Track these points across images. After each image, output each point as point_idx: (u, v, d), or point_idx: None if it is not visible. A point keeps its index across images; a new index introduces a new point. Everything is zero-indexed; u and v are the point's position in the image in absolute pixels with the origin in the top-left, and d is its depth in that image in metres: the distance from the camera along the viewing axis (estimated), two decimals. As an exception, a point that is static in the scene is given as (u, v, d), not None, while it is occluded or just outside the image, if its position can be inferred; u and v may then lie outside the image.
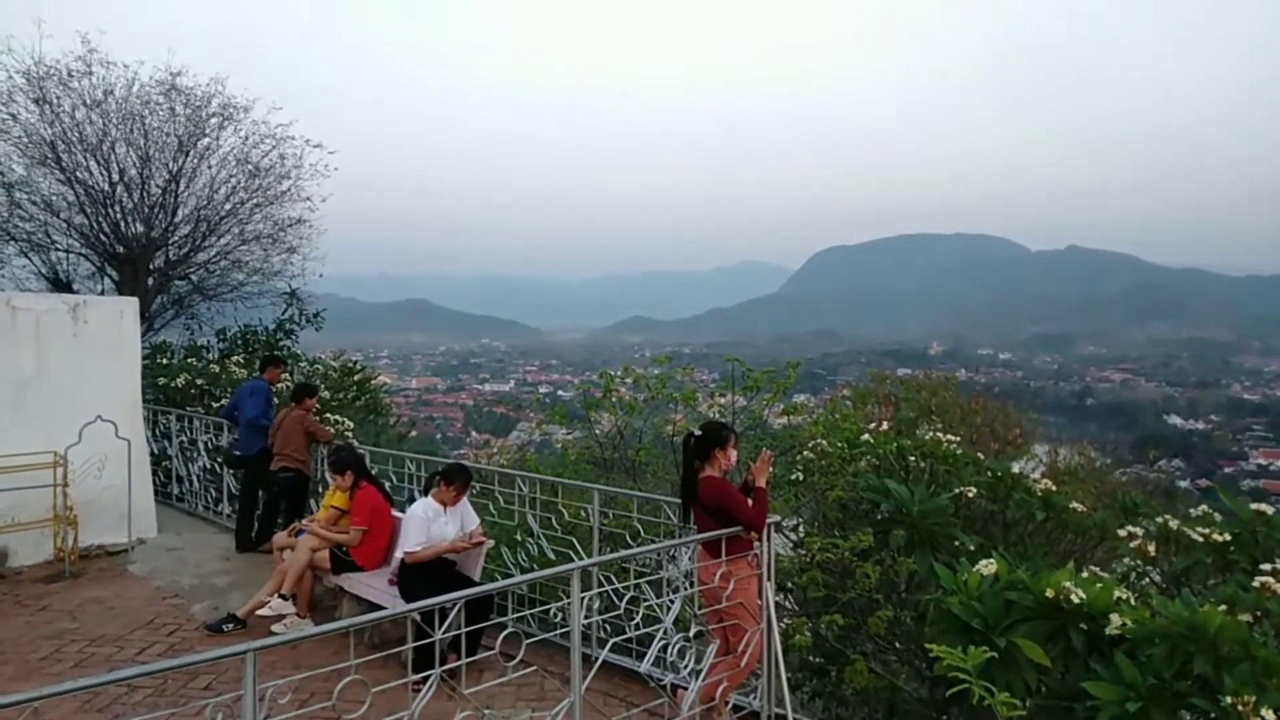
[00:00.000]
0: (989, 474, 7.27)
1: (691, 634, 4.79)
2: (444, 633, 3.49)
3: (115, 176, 15.37)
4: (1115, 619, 4.14)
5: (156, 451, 11.14)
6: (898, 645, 6.70)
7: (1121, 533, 6.22)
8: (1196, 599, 4.32)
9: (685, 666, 4.56)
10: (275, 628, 6.44)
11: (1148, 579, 6.25)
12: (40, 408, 8.33)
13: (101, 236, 15.62)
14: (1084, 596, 4.27)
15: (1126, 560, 6.47)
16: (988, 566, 4.67)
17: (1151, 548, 5.99)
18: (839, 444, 7.31)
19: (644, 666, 4.52)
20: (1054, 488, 7.17)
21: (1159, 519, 6.46)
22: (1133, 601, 4.43)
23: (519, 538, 6.85)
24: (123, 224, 15.61)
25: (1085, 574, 4.92)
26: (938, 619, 4.76)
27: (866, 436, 7.56)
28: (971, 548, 6.29)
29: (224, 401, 12.25)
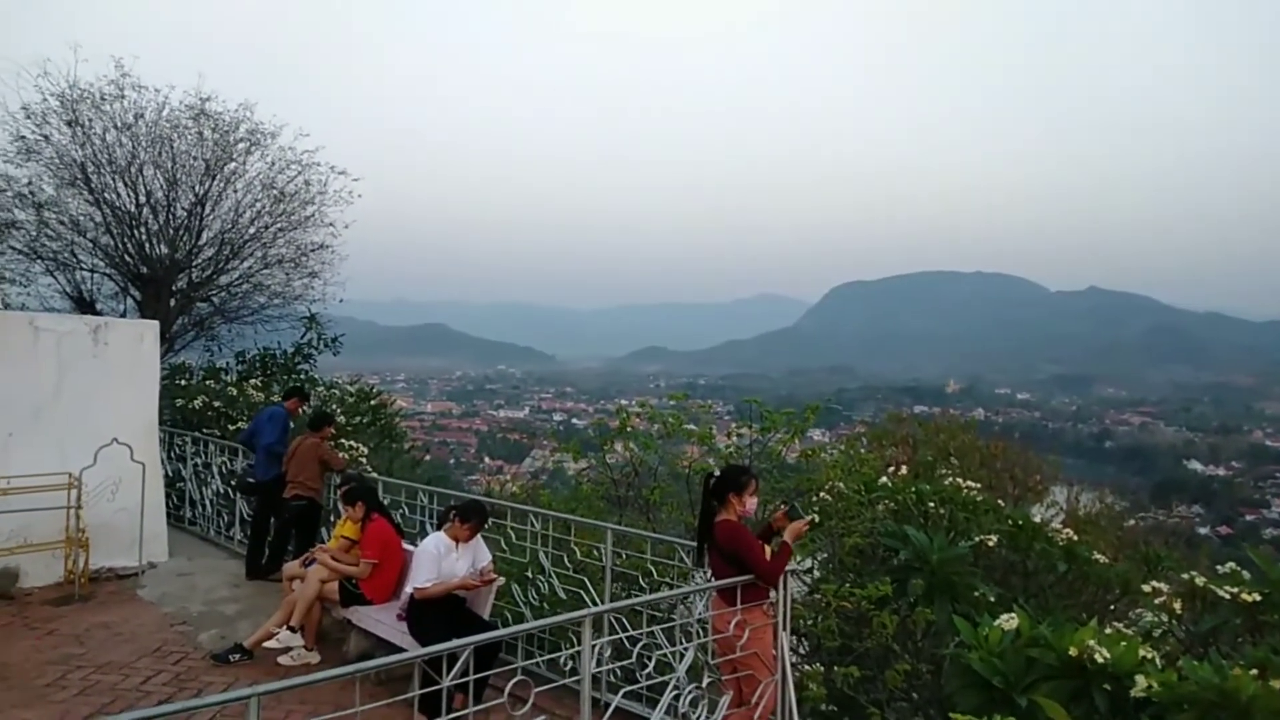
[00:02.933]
0: (1010, 522, 7.15)
1: (705, 683, 4.68)
2: (452, 679, 3.42)
3: (142, 198, 15.58)
4: (1141, 681, 4.02)
5: (170, 473, 11.15)
6: (914, 696, 6.56)
7: (1146, 588, 6.08)
8: (1226, 662, 4.20)
9: (698, 717, 4.45)
10: (282, 659, 6.37)
11: (1173, 636, 6.10)
12: (57, 428, 8.35)
13: (126, 257, 15.80)
14: (1108, 656, 4.16)
15: (1150, 616, 6.32)
16: (1009, 621, 4.56)
17: (1177, 604, 5.85)
18: (856, 487, 7.21)
19: (656, 716, 4.41)
20: (1075, 537, 7.05)
21: (1185, 575, 6.31)
22: (1158, 662, 4.32)
23: (530, 575, 6.77)
24: (147, 245, 15.79)
25: (1108, 630, 4.80)
26: (957, 674, 4.65)
27: (884, 480, 7.46)
28: (991, 598, 6.17)
29: (241, 424, 12.27)
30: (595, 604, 5.95)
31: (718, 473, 5.07)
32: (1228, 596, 5.37)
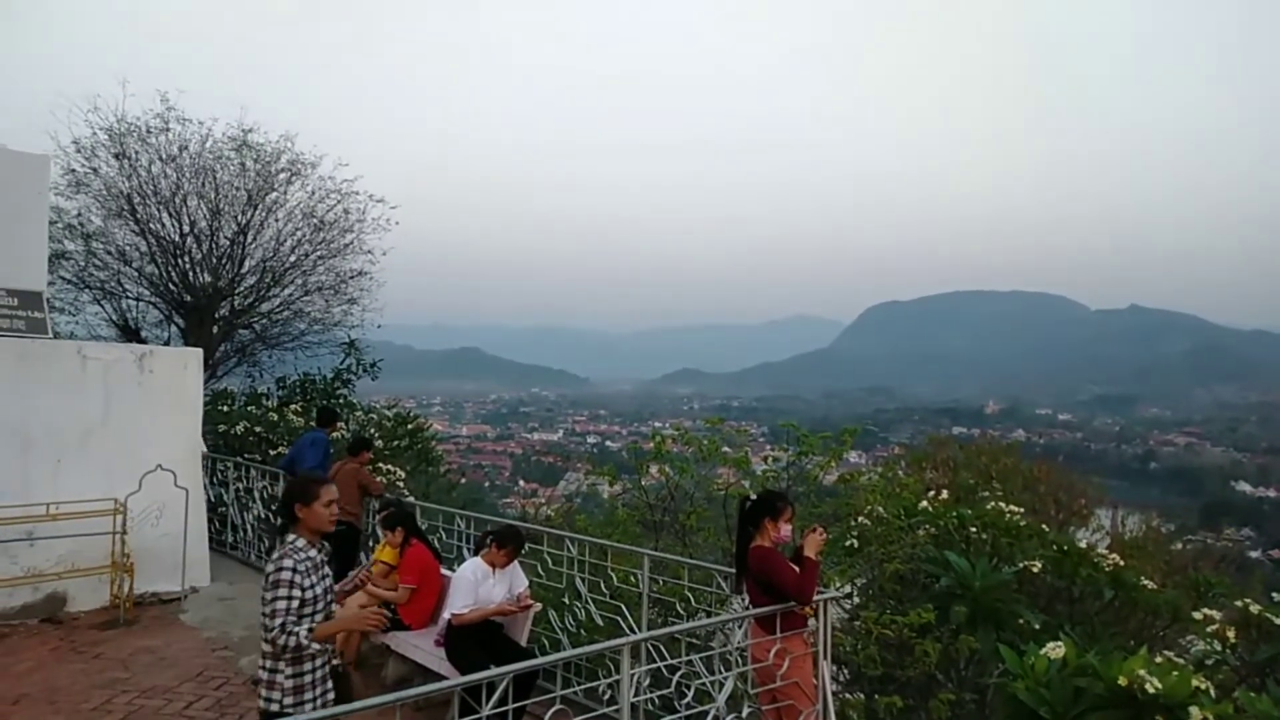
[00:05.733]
0: (1054, 547, 7.02)
1: (744, 713, 4.63)
2: (491, 708, 3.41)
3: (186, 228, 15.96)
4: (1195, 713, 3.91)
5: (212, 498, 11.30)
6: (958, 727, 6.43)
7: (1197, 615, 5.93)
8: (1285, 694, 4.07)
9: (738, 748, 4.40)
10: (321, 685, 6.40)
11: (1226, 666, 5.93)
12: (103, 455, 8.51)
13: (170, 285, 16.16)
14: (1160, 686, 4.04)
15: (1201, 644, 6.15)
16: (1055, 649, 4.46)
17: (1230, 633, 5.69)
18: (896, 512, 7.12)
19: (695, 746, 4.37)
20: (1122, 563, 6.90)
21: (1238, 602, 6.14)
22: (1212, 693, 4.19)
23: (567, 601, 6.75)
24: (191, 274, 16.14)
25: (1159, 659, 4.67)
26: (1003, 704, 4.56)
27: (925, 504, 7.36)
28: (1036, 626, 6.04)
29: (282, 449, 12.43)
30: (633, 631, 5.91)
31: (753, 498, 5.04)
32: (1284, 625, 5.22)
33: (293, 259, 16.94)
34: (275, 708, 3.62)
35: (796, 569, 4.64)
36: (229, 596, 8.95)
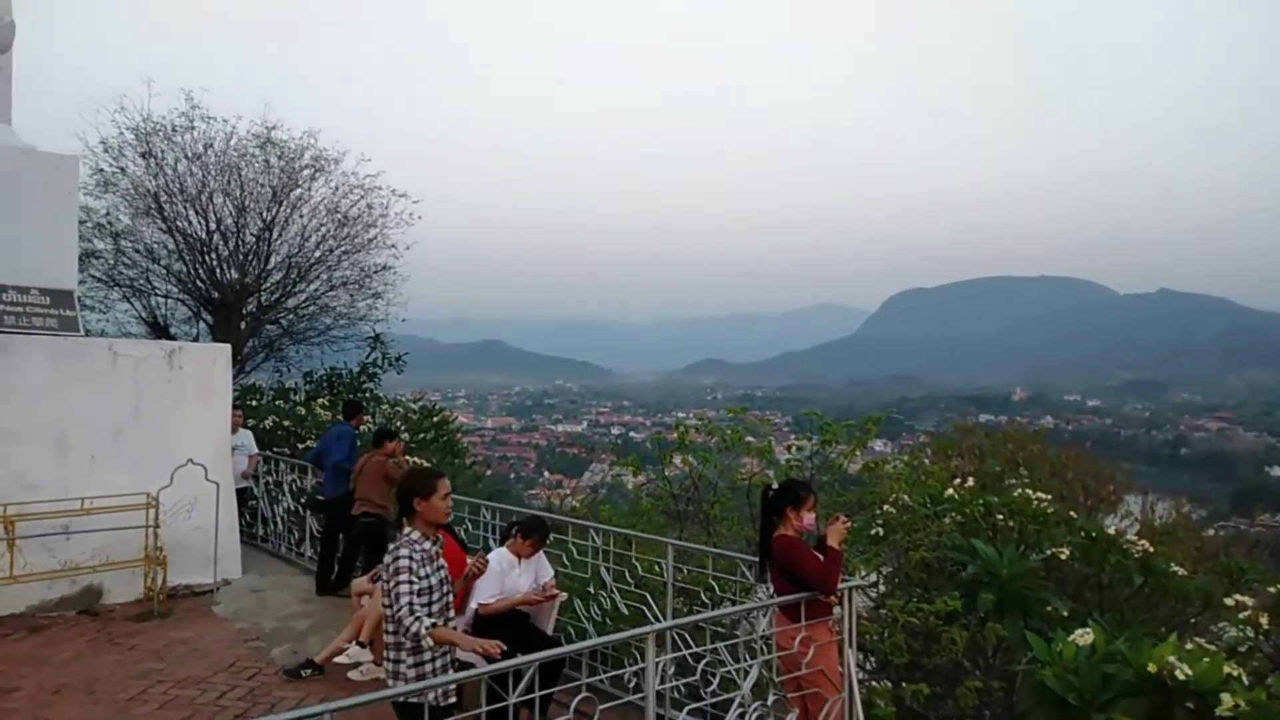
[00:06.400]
0: (1082, 534, 6.96)
1: (770, 701, 4.64)
2: (518, 696, 3.45)
3: (212, 225, 16.15)
4: (1227, 699, 3.87)
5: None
6: (987, 714, 6.41)
7: (1228, 601, 5.86)
8: (1319, 681, 4.02)
9: (764, 736, 4.41)
10: (352, 674, 6.48)
11: (1259, 652, 5.86)
12: (135, 450, 8.65)
13: (198, 282, 16.37)
14: (1190, 673, 4.00)
15: (1233, 631, 6.08)
16: (1084, 636, 4.43)
17: (1263, 619, 5.62)
18: (922, 500, 7.09)
19: (720, 733, 4.39)
20: (1152, 549, 6.82)
21: (1271, 587, 6.07)
22: (1244, 679, 4.14)
23: (592, 590, 6.79)
24: (218, 271, 16.34)
25: (1189, 646, 4.63)
26: (1030, 691, 4.54)
27: (950, 492, 7.32)
28: (1064, 613, 6.00)
29: (310, 443, 12.58)
30: (658, 620, 5.94)
31: (775, 487, 5.04)
32: (1319, 611, 5.15)
33: (317, 254, 17.11)
34: (401, 699, 3.65)
35: (820, 557, 4.63)
36: (260, 588, 9.08)
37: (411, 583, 3.69)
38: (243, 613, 8.20)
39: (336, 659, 6.57)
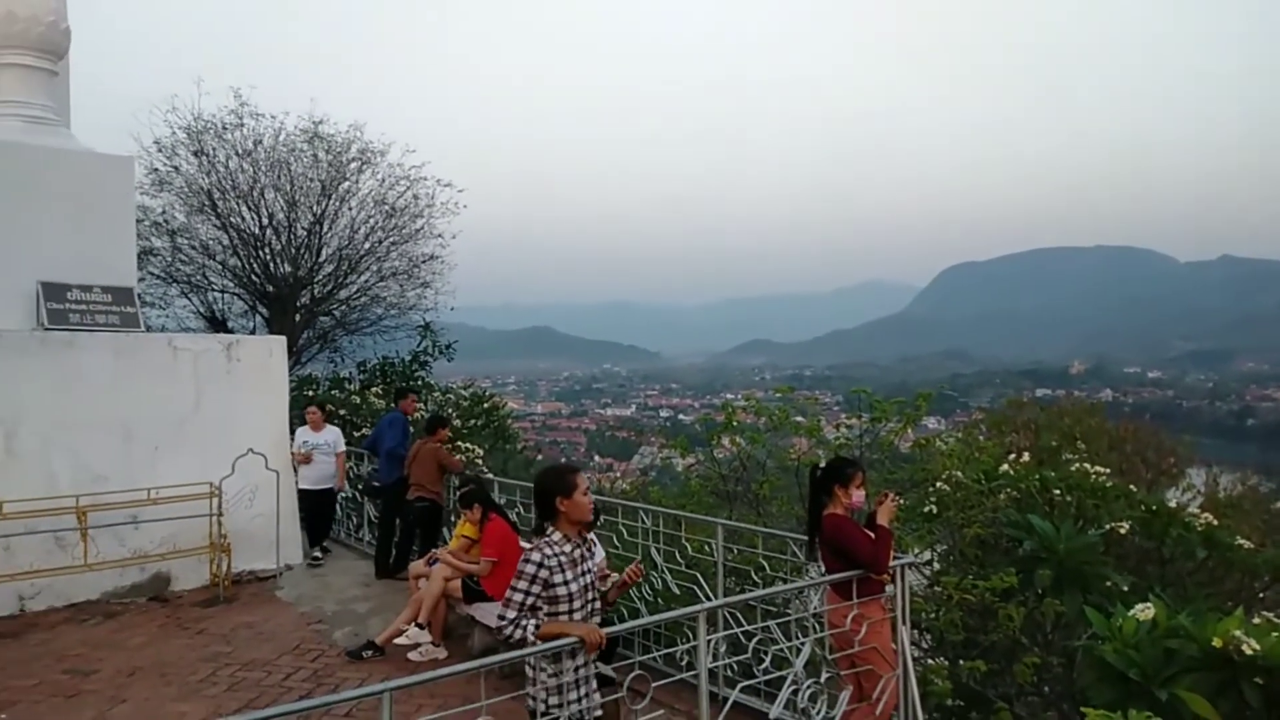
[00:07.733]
0: (1142, 508, 6.81)
1: (823, 679, 4.63)
2: (572, 675, 3.50)
3: (265, 220, 16.48)
4: (1298, 674, 3.77)
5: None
6: (1045, 690, 6.33)
7: (1299, 574, 5.70)
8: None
9: (818, 713, 4.41)
10: (411, 655, 6.64)
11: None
12: (198, 440, 8.90)
13: (253, 277, 16.74)
14: (1258, 647, 3.90)
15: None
16: (1145, 611, 4.34)
17: (1335, 592, 5.47)
18: (976, 476, 6.99)
19: (775, 711, 4.40)
20: (1215, 522, 6.66)
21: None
22: (1316, 654, 4.03)
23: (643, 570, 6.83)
24: (272, 265, 16.70)
25: (1257, 620, 4.50)
26: (1090, 667, 4.46)
27: (1005, 468, 7.21)
28: (1125, 588, 5.89)
29: (365, 431, 12.82)
30: (709, 599, 5.96)
31: (822, 465, 5.01)
32: (1394, 583, 4.98)
33: (367, 246, 17.38)
34: (541, 707, 3.51)
35: (871, 536, 4.61)
36: (321, 573, 9.32)
37: (530, 592, 3.51)
38: (305, 597, 8.42)
39: (396, 640, 6.73)
